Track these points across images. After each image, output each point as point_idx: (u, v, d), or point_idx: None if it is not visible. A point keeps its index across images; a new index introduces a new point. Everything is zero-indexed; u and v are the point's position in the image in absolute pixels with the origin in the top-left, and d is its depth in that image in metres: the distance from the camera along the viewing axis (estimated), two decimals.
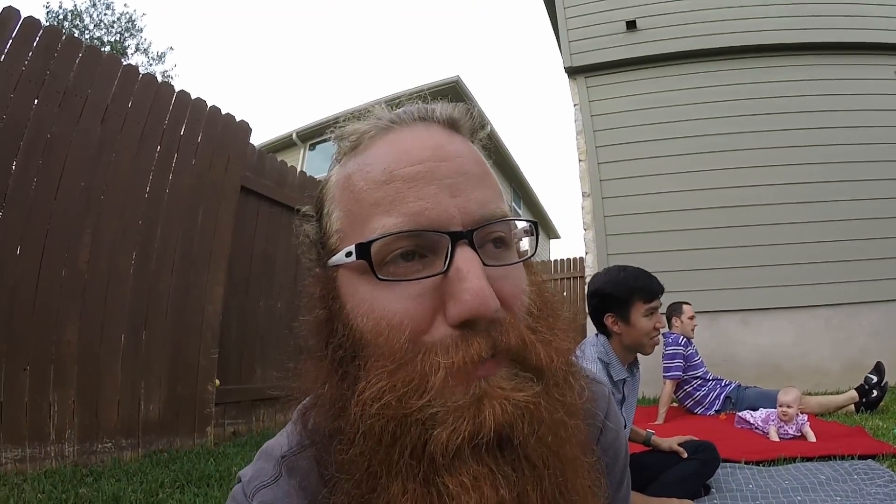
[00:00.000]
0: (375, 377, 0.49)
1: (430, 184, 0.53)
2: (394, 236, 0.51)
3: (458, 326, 0.49)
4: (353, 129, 0.60)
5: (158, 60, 21.37)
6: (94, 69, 3.52)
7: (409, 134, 0.58)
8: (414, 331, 0.50)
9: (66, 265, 3.29)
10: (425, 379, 0.47)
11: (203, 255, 4.13)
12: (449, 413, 0.46)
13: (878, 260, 6.29)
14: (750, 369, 6.07)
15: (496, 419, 0.46)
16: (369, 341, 0.51)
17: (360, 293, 0.53)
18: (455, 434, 0.46)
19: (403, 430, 0.47)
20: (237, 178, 4.52)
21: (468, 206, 0.52)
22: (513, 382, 0.49)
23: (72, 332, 3.27)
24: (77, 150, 3.38)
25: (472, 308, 0.47)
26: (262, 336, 4.83)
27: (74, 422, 3.23)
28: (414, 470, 0.47)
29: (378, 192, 0.53)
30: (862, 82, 7.00)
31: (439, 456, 0.46)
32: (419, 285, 0.51)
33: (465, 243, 0.51)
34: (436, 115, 0.60)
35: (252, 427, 4.64)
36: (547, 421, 0.50)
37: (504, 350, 0.50)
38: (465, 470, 0.46)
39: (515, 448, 0.48)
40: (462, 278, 0.49)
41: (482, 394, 0.47)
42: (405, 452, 0.47)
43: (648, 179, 7.11)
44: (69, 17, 19.41)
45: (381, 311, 0.51)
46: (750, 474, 2.99)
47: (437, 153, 0.55)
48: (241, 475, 0.65)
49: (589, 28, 7.87)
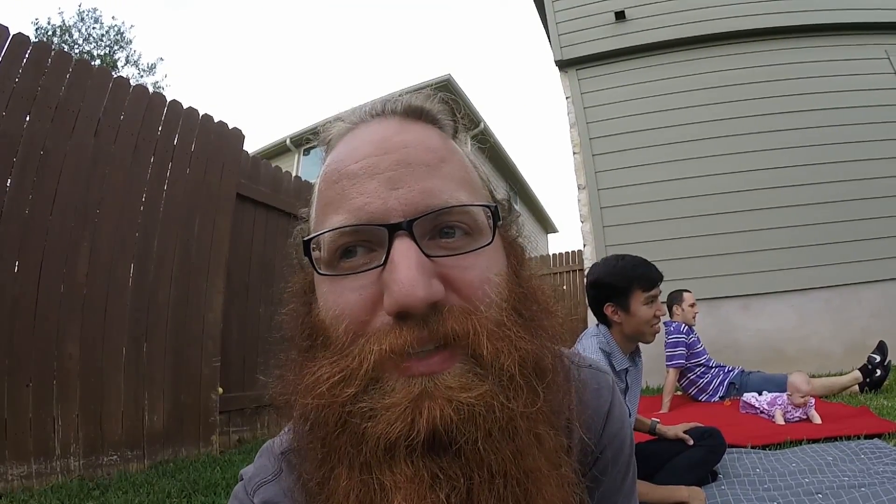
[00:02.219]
0: (319, 365, 0.51)
1: (371, 178, 0.53)
2: (336, 232, 0.52)
3: (396, 317, 0.48)
4: (326, 132, 0.63)
5: (149, 72, 21.36)
6: (85, 83, 3.51)
7: (362, 131, 0.59)
8: (353, 321, 0.51)
9: (65, 279, 3.29)
10: (359, 366, 0.48)
11: (201, 263, 4.13)
12: (385, 409, 0.47)
13: (875, 240, 6.30)
14: (752, 354, 6.07)
15: (433, 421, 0.45)
16: (324, 333, 0.53)
17: (321, 288, 0.55)
18: (388, 432, 0.46)
19: (343, 420, 0.48)
20: (232, 185, 4.52)
21: (410, 198, 0.52)
22: (463, 380, 0.48)
23: (73, 345, 3.27)
24: (71, 164, 3.37)
25: (398, 299, 0.47)
26: (263, 342, 4.83)
27: (79, 435, 3.22)
28: (354, 459, 0.48)
29: (330, 192, 0.55)
30: (854, 62, 7.00)
31: (373, 451, 0.47)
32: (362, 278, 0.51)
33: (404, 234, 0.50)
34: (393, 107, 0.60)
35: (257, 434, 4.64)
36: (501, 425, 0.48)
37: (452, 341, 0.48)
38: (400, 469, 0.46)
39: (460, 452, 0.46)
40: (392, 269, 0.48)
41: (422, 392, 0.47)
42: (345, 441, 0.48)
43: (644, 169, 7.11)
44: (58, 33, 19.41)
45: (330, 303, 0.53)
46: (757, 458, 2.99)
47: (381, 146, 0.55)
48: (242, 473, 0.66)
49: (578, 20, 7.87)
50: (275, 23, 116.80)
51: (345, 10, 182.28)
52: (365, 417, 0.47)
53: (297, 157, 14.24)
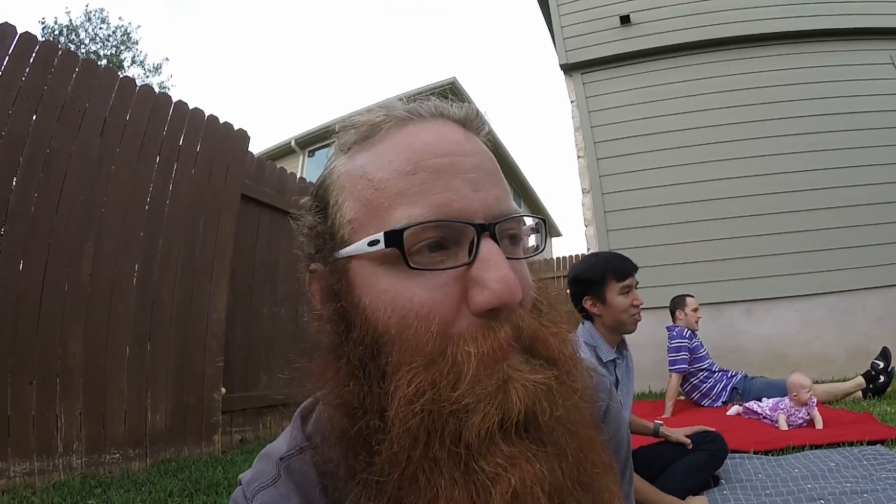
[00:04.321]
0: (410, 373, 0.48)
1: (455, 176, 0.53)
2: (422, 226, 0.51)
3: (482, 315, 0.50)
4: (365, 119, 0.60)
5: (155, 72, 21.40)
6: (92, 82, 3.53)
7: (429, 127, 0.58)
8: (441, 322, 0.50)
9: (69, 278, 3.30)
10: (458, 370, 0.48)
11: (205, 263, 4.14)
12: (480, 401, 0.47)
13: (879, 245, 6.28)
14: (756, 359, 6.07)
15: (522, 400, 0.47)
16: (394, 336, 0.51)
17: (381, 285, 0.53)
18: (486, 420, 0.46)
19: (440, 422, 0.47)
20: (237, 186, 4.52)
21: (488, 201, 0.53)
22: (528, 366, 0.50)
23: (76, 344, 3.27)
24: (77, 164, 3.38)
25: (500, 295, 0.49)
26: (266, 343, 4.84)
27: (82, 434, 3.23)
28: (454, 459, 0.47)
29: (402, 183, 0.53)
30: (859, 68, 6.98)
31: (474, 443, 0.47)
32: (444, 275, 0.51)
33: (489, 235, 0.52)
34: (451, 112, 0.61)
35: (259, 434, 4.64)
36: (562, 402, 0.50)
37: (519, 338, 0.51)
38: (499, 452, 0.47)
39: (540, 427, 0.49)
40: (489, 267, 0.50)
41: (506, 377, 0.48)
42: (445, 444, 0.47)
43: (648, 173, 7.11)
44: (64, 32, 19.49)
45: (406, 301, 0.51)
46: (759, 464, 2.99)
47: (460, 147, 0.56)
48: (241, 478, 0.65)
49: (583, 24, 7.88)
50: (280, 24, 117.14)
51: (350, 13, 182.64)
52: (462, 416, 0.47)
53: (302, 158, 14.28)
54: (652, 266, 5.98)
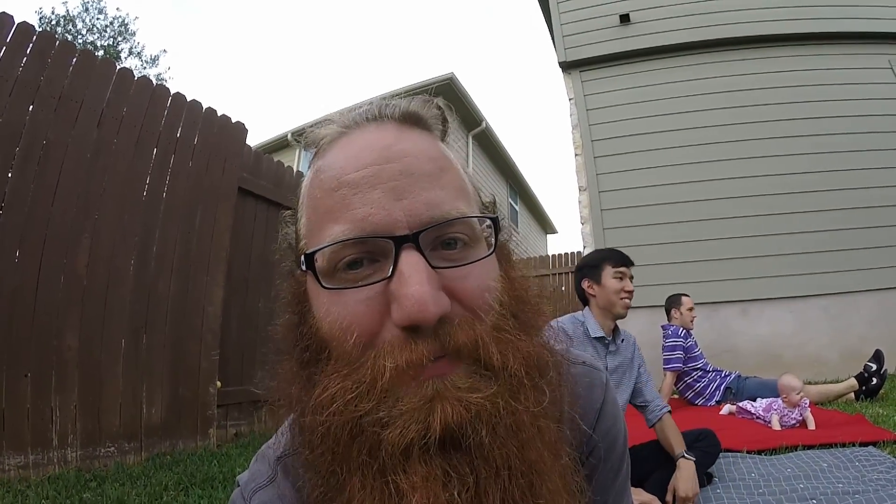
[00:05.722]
0: (330, 380, 0.50)
1: (374, 188, 0.52)
2: (340, 244, 0.51)
3: (406, 329, 0.49)
4: (315, 134, 0.60)
5: (152, 63, 21.40)
6: (89, 73, 3.52)
7: (359, 137, 0.57)
8: (362, 334, 0.50)
9: (65, 270, 3.29)
10: (374, 381, 0.48)
11: (202, 256, 4.13)
12: (399, 416, 0.47)
13: (874, 249, 6.31)
14: (750, 359, 6.08)
15: (445, 421, 0.46)
16: (328, 345, 0.52)
17: (320, 298, 0.53)
18: (403, 435, 0.46)
19: (357, 430, 0.48)
20: (234, 179, 4.52)
21: (415, 208, 0.51)
22: (469, 382, 0.49)
23: (72, 336, 3.27)
24: (73, 155, 3.37)
25: (411, 314, 0.47)
26: (262, 337, 4.83)
27: (77, 427, 3.23)
28: (370, 467, 0.48)
29: (329, 200, 0.54)
30: (857, 72, 7.01)
31: (390, 455, 0.47)
32: (368, 290, 0.51)
33: (411, 247, 0.50)
34: (390, 111, 0.59)
35: (254, 428, 4.65)
36: (506, 422, 0.49)
37: (457, 349, 0.49)
38: (415, 470, 0.46)
39: (469, 449, 0.47)
40: (403, 283, 0.48)
41: (434, 394, 0.47)
42: (362, 451, 0.48)
43: (645, 172, 7.12)
44: (62, 23, 19.45)
45: (334, 315, 0.51)
46: (752, 463, 3.01)
47: (383, 154, 0.54)
48: (238, 479, 0.66)
49: (582, 22, 7.88)
50: (278, 17, 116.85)
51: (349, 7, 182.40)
52: (379, 425, 0.47)
53: (299, 151, 14.23)
54: (648, 265, 5.98)
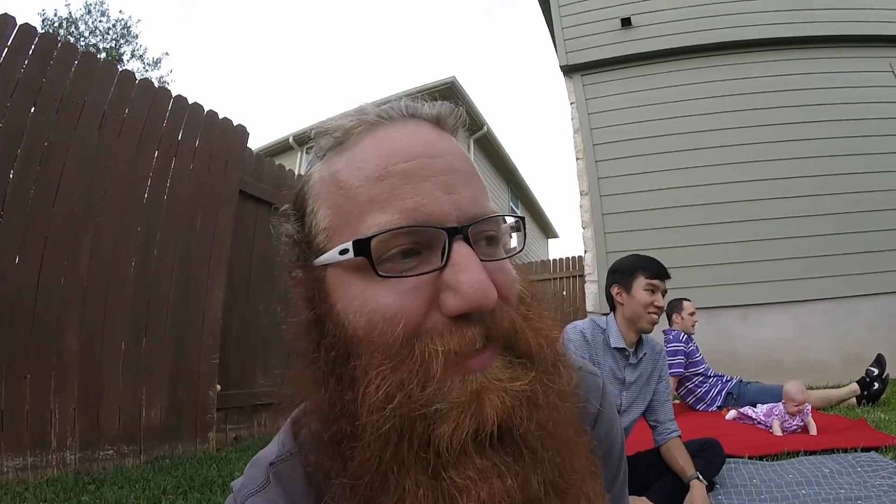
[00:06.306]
0: (378, 377, 0.48)
1: (424, 180, 0.53)
2: (392, 232, 0.50)
3: (455, 318, 0.49)
4: (338, 124, 0.59)
5: (154, 66, 21.46)
6: (91, 75, 3.52)
7: (399, 130, 0.57)
8: (409, 323, 0.49)
9: (66, 272, 3.29)
10: (427, 368, 0.47)
11: (203, 259, 4.13)
12: (451, 408, 0.47)
13: (874, 253, 6.31)
14: (751, 364, 6.06)
15: (497, 413, 0.46)
16: (362, 338, 0.50)
17: (352, 291, 0.53)
18: (458, 430, 0.46)
19: (409, 425, 0.47)
20: (235, 182, 4.52)
21: (461, 203, 0.53)
22: (508, 372, 0.50)
23: (72, 338, 3.26)
24: (75, 157, 3.37)
25: (472, 299, 0.48)
26: (262, 340, 4.82)
27: (76, 429, 3.22)
28: (423, 464, 0.47)
29: (372, 189, 0.53)
30: (858, 75, 7.01)
31: (445, 451, 0.46)
32: (415, 280, 0.51)
33: (461, 238, 0.51)
34: (423, 112, 0.60)
35: (254, 432, 4.63)
36: (543, 406, 0.50)
37: (496, 337, 0.50)
38: (471, 464, 0.46)
39: (516, 438, 0.48)
40: (461, 271, 0.49)
41: (480, 388, 0.47)
42: (413, 448, 0.47)
43: (646, 176, 7.11)
44: (64, 25, 19.50)
45: (374, 305, 0.50)
46: (754, 469, 2.99)
47: (429, 149, 0.55)
48: (232, 485, 0.65)
49: (584, 26, 7.88)
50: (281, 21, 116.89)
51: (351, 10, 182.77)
52: (433, 419, 0.47)
53: (300, 155, 14.25)
54: None
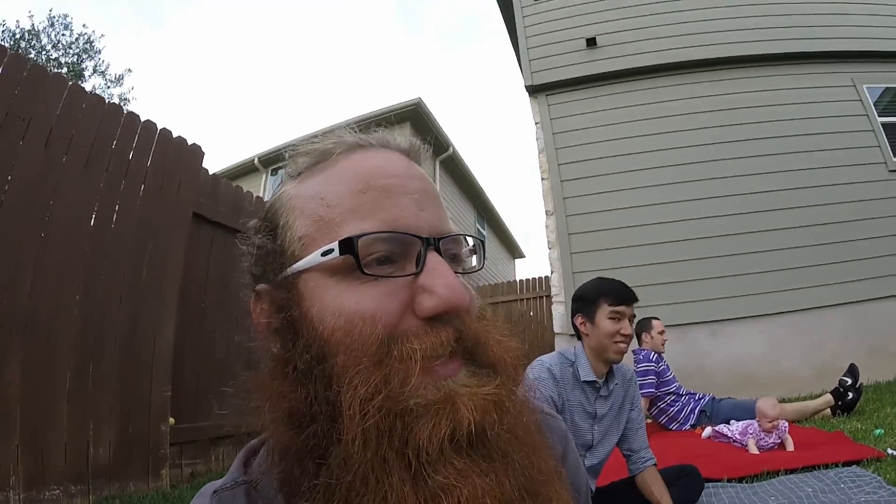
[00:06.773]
0: (361, 373, 0.49)
1: (402, 196, 0.57)
2: (374, 237, 0.53)
3: (429, 320, 0.52)
4: (315, 147, 0.64)
5: (116, 83, 21.24)
6: (39, 89, 3.34)
7: (377, 153, 0.63)
8: (387, 324, 0.51)
9: (7, 298, 3.07)
10: (406, 366, 0.49)
11: (153, 285, 3.92)
12: (429, 408, 0.48)
13: (841, 263, 6.44)
14: (723, 380, 6.07)
15: (472, 415, 0.48)
16: (341, 339, 0.51)
17: (330, 294, 0.54)
18: (436, 431, 0.47)
19: (389, 424, 0.48)
20: (189, 204, 4.33)
21: (432, 220, 0.58)
22: (476, 380, 0.52)
23: (14, 371, 3.04)
24: (19, 175, 3.17)
25: (448, 299, 0.51)
26: (219, 369, 4.60)
27: (19, 468, 2.98)
28: (405, 464, 0.47)
29: (353, 200, 0.57)
30: (820, 90, 7.23)
31: (424, 452, 0.47)
32: (392, 283, 0.53)
33: (433, 249, 0.56)
34: (395, 143, 0.66)
35: (211, 467, 4.40)
36: (511, 411, 0.53)
37: (464, 340, 0.53)
38: (450, 465, 0.47)
39: (488, 441, 0.50)
40: (436, 275, 0.53)
41: (451, 392, 0.49)
42: (393, 447, 0.47)
43: (612, 195, 7.16)
44: (26, 37, 19.22)
45: (354, 306, 0.52)
46: (734, 492, 2.90)
47: (407, 171, 0.61)
48: None
49: (549, 46, 7.96)
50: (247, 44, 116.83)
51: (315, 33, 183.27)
52: (408, 420, 0.48)
53: (265, 177, 14.06)
54: None
